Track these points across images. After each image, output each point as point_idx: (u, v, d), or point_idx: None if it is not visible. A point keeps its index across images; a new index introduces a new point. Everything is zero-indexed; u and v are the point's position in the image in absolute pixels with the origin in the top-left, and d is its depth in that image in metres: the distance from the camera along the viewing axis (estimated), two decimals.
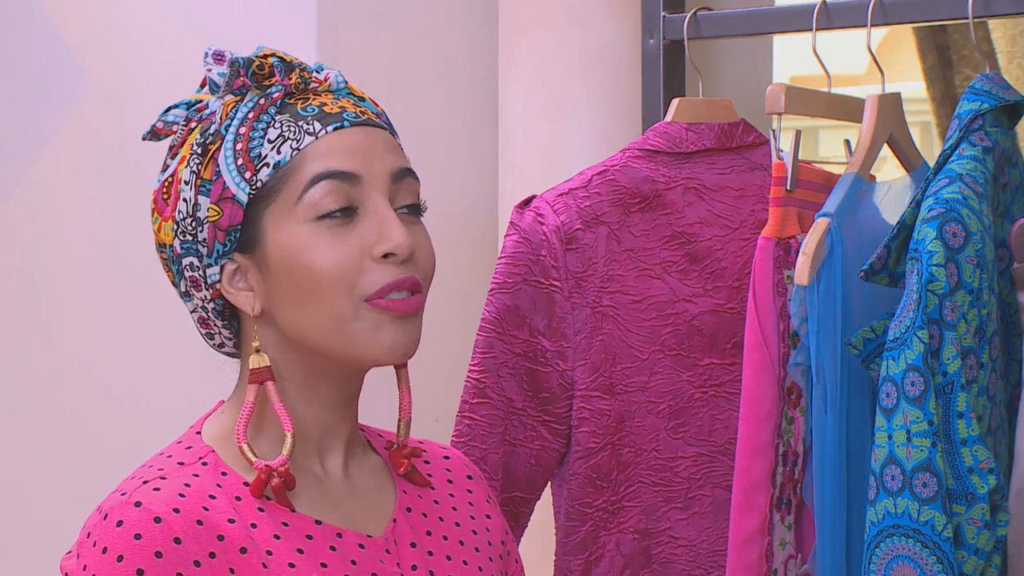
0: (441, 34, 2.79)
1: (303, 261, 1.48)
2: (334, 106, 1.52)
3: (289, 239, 1.49)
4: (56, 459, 3.14)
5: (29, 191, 3.14)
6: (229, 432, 1.52)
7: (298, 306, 1.49)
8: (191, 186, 1.51)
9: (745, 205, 1.99)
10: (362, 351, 1.50)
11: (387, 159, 1.52)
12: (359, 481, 1.57)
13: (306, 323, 1.50)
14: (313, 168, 1.49)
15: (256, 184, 1.50)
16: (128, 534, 1.41)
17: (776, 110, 1.89)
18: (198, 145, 1.52)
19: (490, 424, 1.93)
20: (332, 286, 1.48)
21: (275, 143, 1.50)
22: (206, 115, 1.53)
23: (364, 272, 1.48)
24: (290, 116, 1.51)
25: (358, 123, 1.52)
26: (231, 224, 1.50)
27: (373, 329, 1.49)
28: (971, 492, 1.67)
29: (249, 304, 1.51)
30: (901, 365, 1.68)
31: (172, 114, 1.55)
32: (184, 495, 1.45)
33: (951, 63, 5.10)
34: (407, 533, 1.55)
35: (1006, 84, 1.85)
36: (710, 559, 1.95)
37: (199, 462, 1.49)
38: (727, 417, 1.95)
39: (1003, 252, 1.82)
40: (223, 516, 1.45)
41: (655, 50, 2.26)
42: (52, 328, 3.13)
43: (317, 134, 1.50)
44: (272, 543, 1.46)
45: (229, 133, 1.51)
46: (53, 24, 3.06)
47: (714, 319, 1.96)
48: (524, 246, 1.93)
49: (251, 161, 1.50)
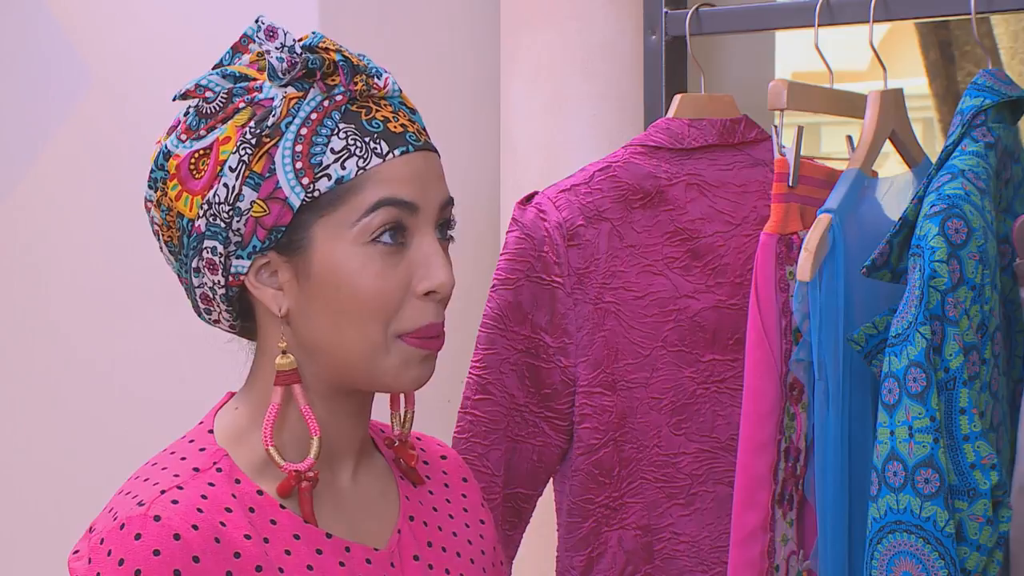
0: (443, 30, 2.79)
1: (349, 282, 1.47)
2: (396, 123, 1.50)
3: (341, 257, 1.47)
4: (61, 453, 3.14)
5: (32, 187, 3.14)
6: (242, 432, 1.51)
7: (333, 323, 1.48)
8: (237, 175, 1.47)
9: (747, 201, 1.99)
10: (385, 381, 1.50)
11: (440, 188, 1.52)
12: (366, 487, 1.57)
13: (337, 342, 1.49)
14: (377, 192, 1.47)
15: (312, 193, 1.47)
16: (147, 549, 1.40)
17: (778, 106, 1.89)
18: (251, 134, 1.47)
19: (492, 420, 1.94)
20: (372, 314, 1.48)
21: (339, 155, 1.47)
22: (260, 99, 1.49)
23: (404, 307, 1.49)
24: (356, 128, 1.48)
25: (419, 147, 1.51)
26: (276, 224, 1.48)
27: (402, 364, 1.49)
28: (973, 488, 1.67)
29: (276, 303, 1.50)
30: (903, 361, 1.68)
31: (208, 79, 1.51)
32: (202, 510, 1.43)
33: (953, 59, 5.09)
34: (410, 545, 1.56)
35: (1008, 80, 1.85)
36: (712, 555, 1.96)
37: (213, 468, 1.48)
38: (729, 413, 1.95)
39: (1005, 248, 1.82)
40: (239, 532, 1.44)
41: (657, 46, 2.26)
42: (55, 323, 3.13)
43: (384, 156, 1.48)
44: (284, 560, 1.46)
45: (289, 131, 1.47)
46: (55, 20, 3.06)
47: (716, 315, 1.96)
48: (526, 242, 1.93)
49: (311, 168, 1.47)
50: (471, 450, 1.92)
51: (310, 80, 1.49)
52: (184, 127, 1.51)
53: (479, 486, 1.68)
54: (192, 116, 1.51)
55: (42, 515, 3.17)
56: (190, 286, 1.54)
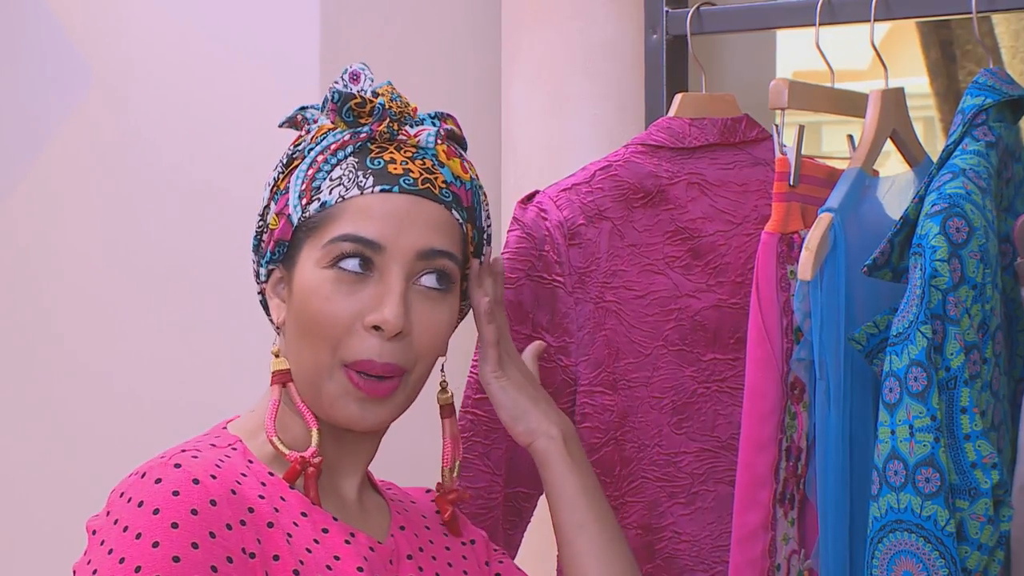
0: (444, 29, 2.78)
1: (310, 303, 1.55)
2: (401, 166, 1.56)
3: (308, 277, 1.55)
4: (60, 454, 3.14)
5: (32, 187, 3.14)
6: (255, 428, 1.58)
7: (296, 342, 1.57)
8: (271, 190, 1.60)
9: (748, 200, 1.99)
10: (325, 409, 1.56)
11: (419, 235, 1.55)
12: (367, 506, 1.63)
13: (297, 360, 1.56)
14: (345, 224, 1.54)
15: (305, 213, 1.56)
16: (167, 490, 1.45)
17: (779, 105, 1.89)
18: (286, 156, 1.59)
19: (493, 419, 1.93)
20: (321, 337, 1.54)
21: (333, 184, 1.56)
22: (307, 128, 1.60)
23: (352, 335, 1.54)
24: (357, 162, 1.57)
25: (410, 191, 1.56)
26: (280, 239, 1.58)
27: (340, 395, 1.55)
28: (974, 487, 1.67)
29: (277, 313, 1.60)
30: (904, 360, 1.68)
31: (309, 112, 1.62)
32: (220, 466, 1.50)
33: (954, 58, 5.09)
34: (405, 546, 1.61)
35: (1010, 79, 1.85)
36: (713, 554, 1.95)
37: (228, 447, 1.55)
38: (730, 413, 1.95)
39: (1006, 247, 1.81)
40: (254, 492, 1.51)
41: (658, 45, 2.26)
42: (56, 323, 3.13)
43: (364, 190, 1.55)
44: (292, 528, 1.51)
45: (308, 156, 1.58)
46: (57, 20, 3.06)
47: (717, 314, 1.96)
48: (527, 241, 1.93)
49: (311, 191, 1.57)
50: (472, 449, 1.92)
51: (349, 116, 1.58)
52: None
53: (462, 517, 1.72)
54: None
55: (40, 516, 3.17)
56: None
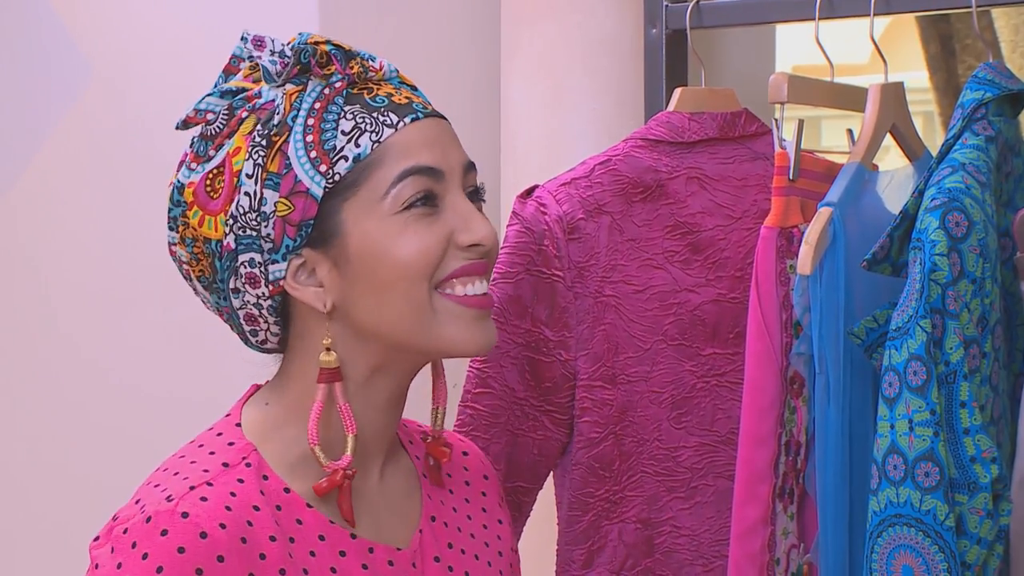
0: (443, 24, 2.78)
1: (391, 251, 1.46)
2: (400, 96, 1.51)
3: (376, 232, 1.47)
4: (60, 448, 3.14)
5: (32, 181, 3.14)
6: (271, 428, 1.50)
7: (378, 300, 1.47)
8: (255, 179, 1.47)
9: (748, 195, 1.99)
10: (444, 345, 1.49)
11: (459, 152, 1.52)
12: (392, 485, 1.57)
13: (388, 315, 1.48)
14: (400, 163, 1.47)
15: (333, 178, 1.47)
16: (172, 546, 1.39)
17: (779, 99, 1.89)
18: (260, 136, 1.47)
19: (493, 414, 1.94)
20: (417, 275, 1.47)
21: (351, 135, 1.47)
22: (261, 104, 1.49)
23: (446, 259, 1.48)
24: (361, 107, 1.48)
25: (428, 115, 1.51)
26: (303, 219, 1.47)
27: (453, 321, 1.49)
28: (973, 481, 1.67)
29: (319, 300, 1.49)
30: (904, 354, 1.68)
31: (206, 102, 1.51)
32: (231, 508, 1.43)
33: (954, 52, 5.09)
34: (431, 546, 1.56)
35: (1009, 73, 1.85)
36: (712, 549, 1.96)
37: (243, 463, 1.47)
38: (729, 407, 1.95)
39: (1006, 241, 1.82)
40: (266, 533, 1.44)
41: (657, 39, 2.26)
42: (56, 318, 3.13)
43: (396, 126, 1.48)
44: (308, 560, 1.46)
45: (297, 124, 1.47)
46: (56, 15, 3.06)
47: (716, 309, 1.96)
48: (526, 236, 1.93)
49: (326, 154, 1.47)
50: None
51: (306, 74, 1.50)
52: (192, 156, 1.51)
53: (499, 484, 1.68)
54: (198, 142, 1.51)
55: (44, 511, 3.17)
56: (232, 313, 1.53)
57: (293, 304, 1.51)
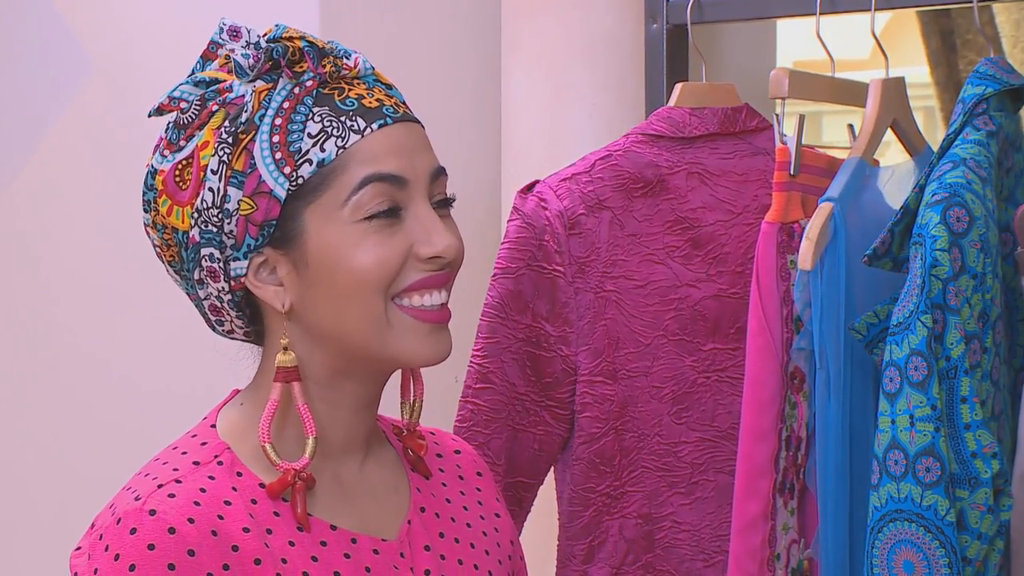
0: (444, 19, 2.78)
1: (349, 260, 1.45)
2: (371, 99, 1.49)
3: (336, 239, 1.46)
4: (60, 443, 3.14)
5: (32, 177, 3.14)
6: (246, 428, 1.50)
7: (335, 307, 1.47)
8: (220, 176, 1.47)
9: (748, 190, 1.98)
10: (397, 356, 1.48)
11: (426, 159, 1.50)
12: (375, 479, 1.55)
13: (341, 325, 1.47)
14: (362, 170, 1.46)
15: (296, 181, 1.46)
16: (142, 543, 1.39)
17: (779, 95, 1.89)
18: (227, 133, 1.47)
19: (493, 409, 1.93)
20: (373, 286, 1.46)
21: (317, 139, 1.46)
22: (231, 99, 1.48)
23: (404, 270, 1.47)
24: (330, 109, 1.47)
25: (398, 119, 1.49)
26: (266, 219, 1.46)
27: (406, 333, 1.47)
28: (974, 477, 1.67)
29: (279, 299, 1.48)
30: (904, 350, 1.68)
31: (180, 90, 1.50)
32: (199, 503, 1.43)
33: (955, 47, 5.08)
34: (421, 535, 1.54)
35: (1010, 68, 1.85)
36: (713, 544, 1.96)
37: (214, 461, 1.47)
38: (730, 402, 1.95)
39: (1007, 237, 1.81)
40: (238, 525, 1.43)
41: (658, 35, 2.25)
42: (55, 312, 3.13)
43: (363, 132, 1.46)
44: (287, 550, 1.45)
45: (264, 124, 1.47)
46: (56, 10, 3.06)
47: (717, 304, 1.95)
48: (527, 231, 1.93)
49: (291, 156, 1.46)
50: (472, 439, 1.92)
51: (278, 71, 1.49)
52: (166, 142, 1.51)
53: (494, 480, 1.67)
54: (171, 129, 1.51)
55: (42, 506, 3.17)
56: (198, 301, 1.54)
57: (260, 302, 1.51)
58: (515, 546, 1.66)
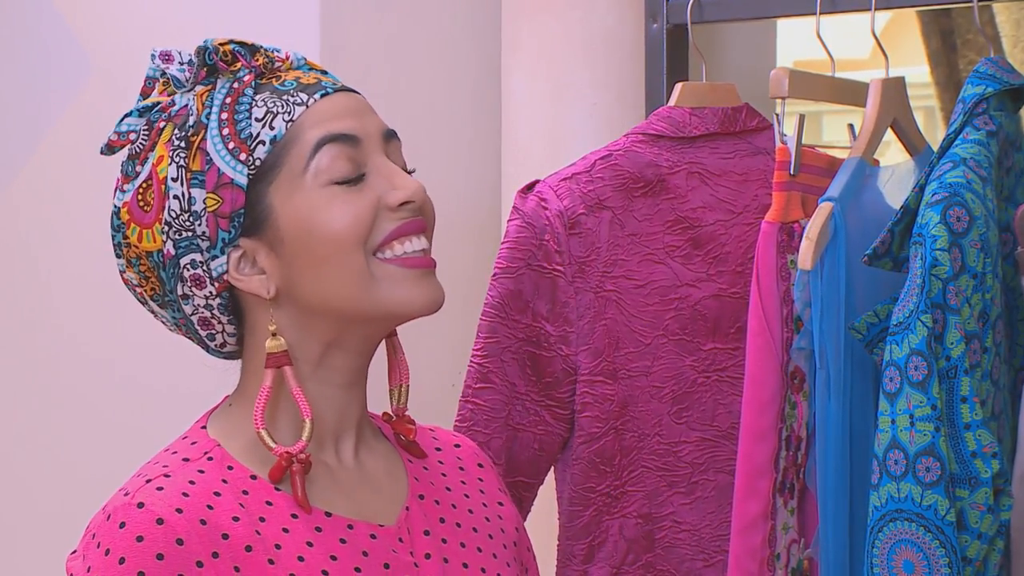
0: (444, 18, 2.78)
1: (321, 224, 1.48)
2: (309, 77, 1.53)
3: (304, 207, 1.48)
4: (60, 442, 3.14)
5: (32, 177, 3.14)
6: (236, 426, 1.51)
7: (316, 274, 1.48)
8: (181, 181, 1.50)
9: (748, 190, 1.98)
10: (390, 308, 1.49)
11: (375, 120, 1.53)
12: (370, 467, 1.56)
13: (329, 289, 1.49)
14: (314, 134, 1.49)
15: (254, 164, 1.49)
16: (130, 536, 1.41)
17: (780, 94, 1.89)
18: (179, 140, 1.50)
19: (493, 409, 1.94)
20: (350, 242, 1.47)
21: (264, 120, 1.49)
22: (176, 111, 1.52)
23: (378, 223, 1.48)
24: (271, 93, 1.51)
25: (338, 89, 1.53)
26: (233, 209, 1.49)
27: (396, 283, 1.49)
28: (974, 476, 1.67)
29: (263, 287, 1.50)
30: (905, 350, 1.68)
31: (126, 123, 1.55)
32: (188, 493, 1.44)
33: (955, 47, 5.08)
34: (420, 521, 1.55)
35: (1010, 68, 1.85)
36: (713, 544, 1.96)
37: (204, 457, 1.48)
38: (730, 402, 1.95)
39: (1007, 236, 1.81)
40: (228, 513, 1.44)
41: (658, 34, 2.25)
42: (56, 312, 3.13)
43: (306, 103, 1.50)
44: (280, 537, 1.46)
45: (212, 121, 1.50)
46: (56, 10, 3.06)
47: (717, 304, 1.96)
48: (527, 231, 1.93)
49: (243, 143, 1.49)
50: (472, 438, 1.92)
51: (214, 75, 1.53)
52: (122, 178, 1.55)
53: (497, 472, 1.67)
54: (126, 163, 1.55)
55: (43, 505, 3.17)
56: (187, 321, 1.55)
57: (242, 300, 1.53)
58: (521, 533, 1.65)
